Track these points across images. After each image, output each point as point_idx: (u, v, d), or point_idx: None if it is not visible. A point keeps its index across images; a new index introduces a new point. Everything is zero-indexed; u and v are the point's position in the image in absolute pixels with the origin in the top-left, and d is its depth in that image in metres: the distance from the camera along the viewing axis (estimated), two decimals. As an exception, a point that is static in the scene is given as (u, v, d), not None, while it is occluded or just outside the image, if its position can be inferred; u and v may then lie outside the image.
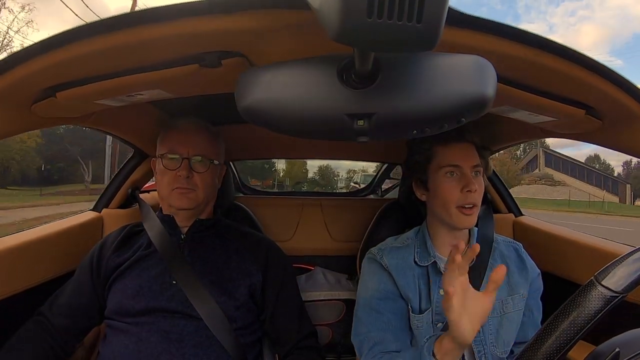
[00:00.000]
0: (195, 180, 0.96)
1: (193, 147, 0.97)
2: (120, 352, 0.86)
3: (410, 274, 0.90)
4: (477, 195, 0.87)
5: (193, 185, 0.96)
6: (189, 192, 0.95)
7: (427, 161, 0.92)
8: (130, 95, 0.72)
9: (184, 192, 0.95)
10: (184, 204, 0.95)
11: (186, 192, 0.95)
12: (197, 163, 0.97)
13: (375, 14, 0.29)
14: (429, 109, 0.42)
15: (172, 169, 0.95)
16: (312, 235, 1.70)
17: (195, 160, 0.97)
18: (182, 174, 0.94)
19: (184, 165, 0.95)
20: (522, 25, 0.52)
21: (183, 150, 0.96)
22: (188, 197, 0.95)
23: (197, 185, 0.96)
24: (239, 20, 0.48)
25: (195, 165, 0.97)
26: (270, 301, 0.99)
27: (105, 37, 0.52)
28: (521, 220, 1.40)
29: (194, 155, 0.96)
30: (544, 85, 0.65)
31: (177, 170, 0.95)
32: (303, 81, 0.42)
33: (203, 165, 0.98)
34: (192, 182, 0.95)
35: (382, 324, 0.86)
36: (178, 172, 0.94)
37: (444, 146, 0.90)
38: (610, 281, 0.44)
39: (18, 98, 0.68)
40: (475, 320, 0.64)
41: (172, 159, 0.96)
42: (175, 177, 0.95)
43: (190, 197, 0.96)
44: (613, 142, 0.79)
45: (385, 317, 0.86)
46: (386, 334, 0.84)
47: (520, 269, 0.92)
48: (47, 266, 1.03)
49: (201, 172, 0.97)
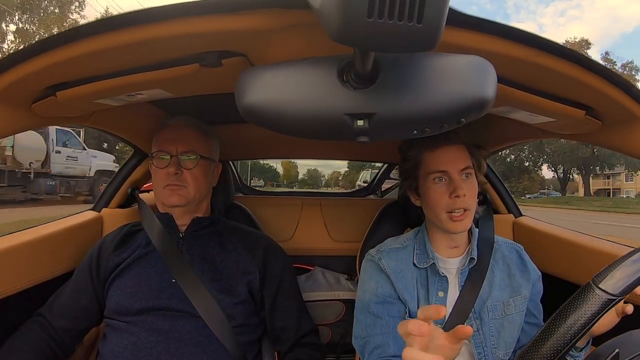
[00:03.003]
0: (185, 176, 0.97)
1: (181, 143, 0.98)
2: (119, 351, 0.86)
3: (409, 276, 0.90)
4: (468, 199, 0.85)
5: (183, 182, 0.97)
6: (179, 188, 0.96)
7: (416, 168, 0.91)
8: (131, 94, 0.72)
9: (174, 188, 0.96)
10: (174, 201, 0.96)
11: (176, 189, 0.96)
12: (187, 160, 0.98)
13: (376, 14, 0.29)
14: (429, 109, 0.42)
15: (162, 167, 0.96)
16: (312, 235, 1.70)
17: (184, 157, 0.98)
18: (171, 171, 0.95)
19: (173, 162, 0.96)
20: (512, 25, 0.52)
21: (172, 147, 0.97)
22: (178, 193, 0.96)
23: (187, 182, 0.97)
24: (239, 20, 0.48)
25: (184, 162, 0.98)
26: (269, 298, 0.99)
27: (106, 36, 0.52)
28: (521, 220, 1.40)
29: (182, 152, 0.97)
30: (544, 86, 0.65)
31: (166, 168, 0.96)
32: (303, 81, 0.42)
33: (191, 162, 0.98)
34: (182, 178, 0.97)
35: (381, 328, 0.86)
36: (167, 169, 0.96)
37: (431, 151, 0.88)
38: (607, 284, 0.44)
39: (18, 97, 0.68)
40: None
41: (161, 158, 0.97)
42: (166, 174, 0.96)
43: (181, 194, 0.96)
44: (613, 143, 0.79)
45: (383, 321, 0.86)
46: (385, 338, 0.84)
47: (522, 270, 0.92)
48: (46, 266, 1.03)
49: (190, 168, 0.98)
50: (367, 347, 0.85)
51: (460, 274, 0.89)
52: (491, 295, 0.87)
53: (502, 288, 0.89)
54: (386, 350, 0.83)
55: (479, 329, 0.85)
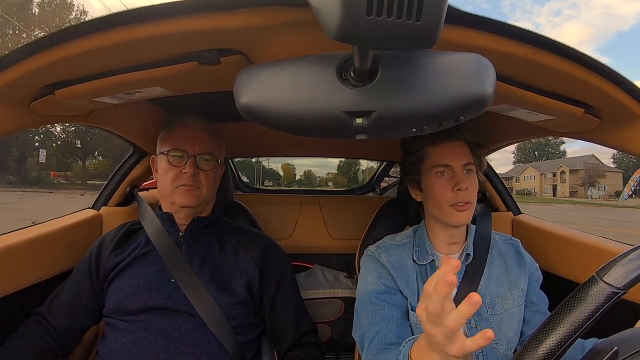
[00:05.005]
0: (201, 178, 0.96)
1: (199, 144, 0.97)
2: (118, 351, 0.86)
3: (409, 271, 0.90)
4: (470, 192, 0.87)
5: (198, 183, 0.96)
6: (194, 189, 0.96)
7: (419, 162, 0.92)
8: (129, 93, 0.71)
9: (190, 189, 0.95)
10: (188, 202, 0.95)
11: (191, 190, 0.95)
12: (204, 161, 0.98)
13: (375, 12, 0.29)
14: (428, 107, 0.41)
15: (177, 166, 0.95)
16: (311, 234, 1.70)
17: (202, 158, 0.97)
18: (188, 171, 0.94)
19: (190, 163, 0.95)
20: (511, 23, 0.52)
21: (189, 147, 0.96)
22: (193, 194, 0.96)
23: (202, 183, 0.97)
24: (238, 18, 0.48)
25: (202, 163, 0.97)
26: (268, 298, 0.99)
27: (104, 34, 0.51)
28: (520, 218, 1.40)
29: (200, 153, 0.97)
30: (543, 84, 0.65)
31: (182, 167, 0.95)
32: (302, 79, 0.42)
33: (209, 164, 0.98)
34: (198, 179, 0.96)
35: (382, 316, 0.86)
36: (184, 169, 0.94)
37: (434, 146, 0.90)
38: (611, 277, 0.44)
39: (17, 96, 0.68)
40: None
41: (177, 156, 0.96)
42: (180, 174, 0.95)
43: (195, 195, 0.96)
44: (612, 141, 0.79)
45: (385, 309, 0.86)
46: (386, 325, 0.84)
47: (518, 264, 0.93)
48: (45, 264, 1.03)
49: (206, 170, 0.97)
50: (368, 335, 0.84)
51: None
52: (489, 291, 0.88)
53: (500, 283, 0.90)
54: (386, 338, 0.82)
55: (477, 325, 0.85)
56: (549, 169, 49.21)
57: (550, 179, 48.08)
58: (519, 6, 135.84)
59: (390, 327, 0.84)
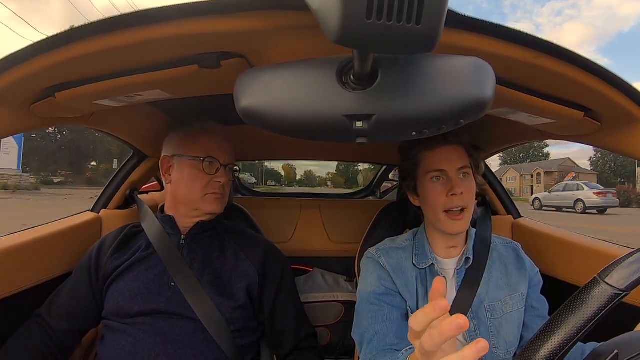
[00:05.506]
0: (226, 186, 1.00)
1: (229, 154, 1.01)
2: (117, 353, 0.86)
3: (409, 275, 0.90)
4: (466, 197, 0.86)
5: (225, 192, 0.99)
6: (222, 197, 0.99)
7: (415, 167, 0.92)
8: (130, 95, 0.71)
9: (219, 197, 0.98)
10: (218, 209, 0.98)
11: (220, 198, 0.99)
12: (231, 171, 1.01)
13: (375, 16, 0.29)
14: (428, 111, 0.41)
15: (211, 174, 0.97)
16: (311, 237, 1.70)
17: (231, 168, 1.01)
18: (223, 181, 0.97)
19: (223, 172, 0.98)
20: (509, 25, 0.52)
21: (221, 156, 0.98)
22: (222, 202, 0.99)
23: (225, 191, 1.00)
24: (238, 22, 0.48)
25: (229, 172, 1.01)
26: (268, 302, 0.99)
27: (105, 37, 0.52)
28: (520, 222, 1.40)
29: (229, 162, 1.00)
30: (543, 87, 0.65)
31: (214, 176, 0.97)
32: (302, 82, 0.42)
33: (233, 173, 1.02)
34: (225, 188, 0.99)
35: (382, 317, 0.85)
36: (215, 177, 0.97)
37: (430, 151, 0.90)
38: (613, 279, 0.44)
39: (17, 98, 0.68)
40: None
41: (211, 164, 0.97)
42: (211, 182, 0.97)
43: (223, 203, 1.00)
44: (612, 144, 0.79)
45: (385, 310, 0.86)
46: (386, 325, 0.84)
47: (518, 268, 0.92)
48: (45, 267, 1.03)
49: (231, 179, 1.01)
50: (367, 335, 0.84)
51: (457, 274, 0.89)
52: (489, 295, 0.88)
53: (500, 287, 0.89)
54: (386, 338, 0.82)
55: (476, 329, 0.85)
56: (528, 170, 50.74)
57: (529, 180, 49.66)
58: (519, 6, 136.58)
59: (389, 327, 0.83)
